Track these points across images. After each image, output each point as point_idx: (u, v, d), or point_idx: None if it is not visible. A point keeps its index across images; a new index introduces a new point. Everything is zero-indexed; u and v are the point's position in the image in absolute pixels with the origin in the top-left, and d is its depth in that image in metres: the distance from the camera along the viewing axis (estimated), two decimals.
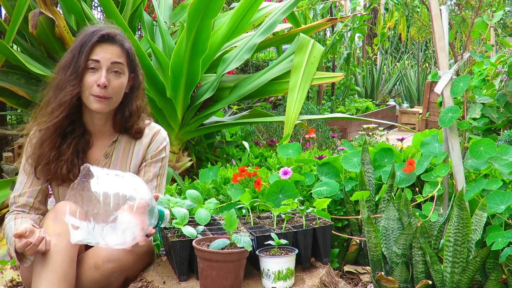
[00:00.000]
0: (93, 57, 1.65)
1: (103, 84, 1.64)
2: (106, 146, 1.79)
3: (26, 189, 1.72)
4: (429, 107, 5.53)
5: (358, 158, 2.26)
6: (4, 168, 3.40)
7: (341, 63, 7.29)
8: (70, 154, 1.70)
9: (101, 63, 1.66)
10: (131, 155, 1.81)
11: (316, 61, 3.20)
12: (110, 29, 1.71)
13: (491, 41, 4.73)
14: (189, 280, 1.58)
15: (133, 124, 1.78)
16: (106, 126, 1.78)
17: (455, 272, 1.68)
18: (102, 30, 1.68)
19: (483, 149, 1.91)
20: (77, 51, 1.66)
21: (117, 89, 1.69)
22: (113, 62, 1.67)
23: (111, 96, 1.68)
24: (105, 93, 1.66)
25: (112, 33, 1.69)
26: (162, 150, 1.85)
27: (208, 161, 3.46)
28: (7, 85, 2.82)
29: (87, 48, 1.64)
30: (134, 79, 1.78)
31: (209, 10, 2.69)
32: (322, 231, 1.69)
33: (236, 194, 2.13)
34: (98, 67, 1.66)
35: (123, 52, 1.71)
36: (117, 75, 1.69)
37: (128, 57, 1.73)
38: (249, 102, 5.16)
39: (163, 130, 1.89)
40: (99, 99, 1.66)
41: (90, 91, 1.66)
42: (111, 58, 1.67)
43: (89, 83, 1.65)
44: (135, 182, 1.45)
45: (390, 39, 10.71)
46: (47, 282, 1.48)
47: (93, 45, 1.65)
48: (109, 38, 1.68)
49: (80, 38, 1.68)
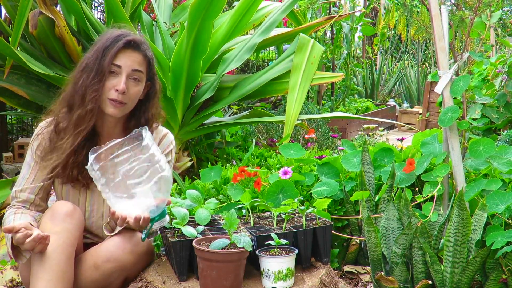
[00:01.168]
0: (115, 61, 1.65)
1: (122, 90, 1.64)
2: None
3: (28, 185, 1.72)
4: (429, 107, 5.53)
5: (358, 158, 2.26)
6: (4, 168, 3.40)
7: (341, 63, 7.29)
8: (83, 156, 1.69)
9: (122, 68, 1.66)
10: None
11: (316, 61, 3.20)
12: (136, 36, 1.71)
13: (491, 41, 4.73)
14: (189, 280, 1.58)
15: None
16: (116, 129, 1.78)
17: (455, 272, 1.68)
18: (128, 36, 1.67)
19: (483, 149, 1.91)
20: (101, 53, 1.65)
21: (133, 96, 1.70)
22: (134, 70, 1.67)
23: (127, 102, 1.68)
24: (122, 98, 1.66)
25: (138, 41, 1.69)
26: (168, 153, 1.85)
27: (208, 161, 3.46)
28: (7, 85, 2.82)
29: (112, 52, 1.64)
30: (150, 87, 1.78)
31: (210, 10, 2.69)
32: (322, 231, 1.69)
33: (236, 194, 2.13)
34: (118, 72, 1.66)
35: (145, 61, 1.71)
36: (135, 82, 1.69)
37: (148, 66, 1.73)
38: (249, 102, 5.16)
39: (170, 134, 1.89)
40: (114, 104, 1.66)
41: (108, 94, 1.65)
42: (132, 65, 1.67)
43: (107, 87, 1.65)
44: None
45: (390, 39, 10.71)
46: (45, 281, 1.48)
47: (118, 50, 1.64)
48: (134, 45, 1.68)
49: (103, 40, 1.67)
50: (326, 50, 6.76)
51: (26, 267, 1.62)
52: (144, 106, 1.78)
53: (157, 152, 1.53)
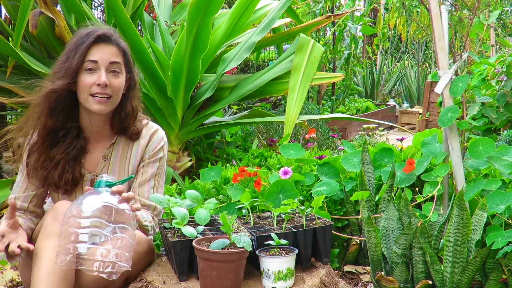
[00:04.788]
0: (90, 57, 1.64)
1: (103, 83, 1.63)
2: (105, 149, 1.79)
3: (21, 194, 1.74)
4: (429, 107, 5.53)
5: (358, 158, 2.26)
6: (4, 168, 3.40)
7: (341, 63, 7.29)
8: (61, 160, 1.69)
9: (99, 63, 1.65)
10: (130, 156, 1.81)
11: (316, 61, 3.21)
12: (105, 29, 1.70)
13: (491, 41, 4.72)
14: (189, 280, 1.58)
15: (129, 124, 1.78)
16: (105, 128, 1.78)
17: (455, 272, 1.68)
18: (98, 31, 1.67)
19: (482, 149, 1.91)
20: (72, 52, 1.64)
21: (116, 89, 1.69)
22: (111, 62, 1.67)
23: (112, 95, 1.67)
24: (106, 90, 1.65)
25: (108, 33, 1.68)
26: (160, 150, 1.84)
27: (208, 161, 3.46)
28: (7, 85, 2.82)
29: (83, 48, 1.63)
30: (131, 79, 1.77)
31: (210, 7, 2.69)
32: (322, 231, 1.69)
33: (236, 194, 2.13)
34: (96, 67, 1.65)
35: (120, 51, 1.70)
36: (115, 75, 1.68)
37: (124, 56, 1.72)
38: (249, 102, 5.16)
39: (160, 130, 1.88)
40: (99, 100, 1.65)
41: (90, 91, 1.64)
42: (109, 58, 1.66)
43: (87, 84, 1.64)
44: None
45: (390, 39, 10.71)
46: (47, 283, 1.48)
47: (89, 46, 1.64)
48: (105, 38, 1.67)
49: (74, 41, 1.67)
50: (326, 50, 6.76)
51: (26, 268, 1.62)
52: (125, 99, 1.76)
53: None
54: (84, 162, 1.76)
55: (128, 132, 1.78)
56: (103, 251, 1.35)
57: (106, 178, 1.44)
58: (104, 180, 1.43)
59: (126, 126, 1.77)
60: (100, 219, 1.35)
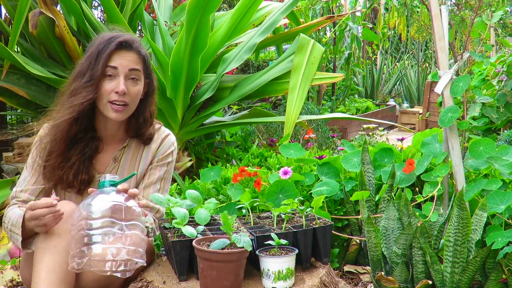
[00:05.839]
0: (110, 63, 1.64)
1: (122, 91, 1.64)
2: (116, 151, 1.79)
3: (29, 186, 1.73)
4: (429, 107, 5.53)
5: (358, 158, 2.26)
6: (4, 168, 3.40)
7: (341, 63, 7.29)
8: (77, 160, 1.70)
9: (119, 70, 1.65)
10: (140, 159, 1.81)
11: (316, 61, 3.21)
12: (127, 35, 1.70)
13: (491, 41, 4.73)
14: (189, 280, 1.58)
15: (146, 130, 1.79)
16: (119, 132, 1.79)
17: (455, 272, 1.68)
18: (120, 37, 1.67)
19: (483, 149, 1.91)
20: (94, 58, 1.65)
21: (134, 96, 1.69)
22: (131, 69, 1.67)
23: (129, 102, 1.68)
24: (124, 98, 1.66)
25: (130, 40, 1.69)
26: (169, 154, 1.85)
27: (208, 161, 3.46)
28: (7, 85, 2.82)
29: (105, 55, 1.63)
30: (149, 85, 1.78)
31: (209, 6, 2.70)
32: (322, 231, 1.68)
33: (236, 194, 2.13)
34: (115, 74, 1.65)
35: (140, 58, 1.71)
36: (134, 82, 1.69)
37: (144, 63, 1.73)
38: (249, 102, 5.16)
39: (172, 135, 1.89)
40: (116, 108, 1.66)
41: (108, 98, 1.65)
42: (129, 65, 1.66)
43: (106, 90, 1.65)
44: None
45: (390, 39, 10.71)
46: (47, 282, 1.48)
47: (111, 52, 1.64)
48: (126, 45, 1.67)
49: (96, 45, 1.67)
50: (327, 50, 6.76)
51: (27, 267, 1.62)
52: (143, 105, 1.77)
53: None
54: (95, 162, 1.77)
55: (143, 136, 1.80)
56: (113, 250, 1.35)
57: (109, 177, 1.45)
58: (108, 180, 1.44)
59: (143, 131, 1.79)
60: (111, 219, 1.36)
